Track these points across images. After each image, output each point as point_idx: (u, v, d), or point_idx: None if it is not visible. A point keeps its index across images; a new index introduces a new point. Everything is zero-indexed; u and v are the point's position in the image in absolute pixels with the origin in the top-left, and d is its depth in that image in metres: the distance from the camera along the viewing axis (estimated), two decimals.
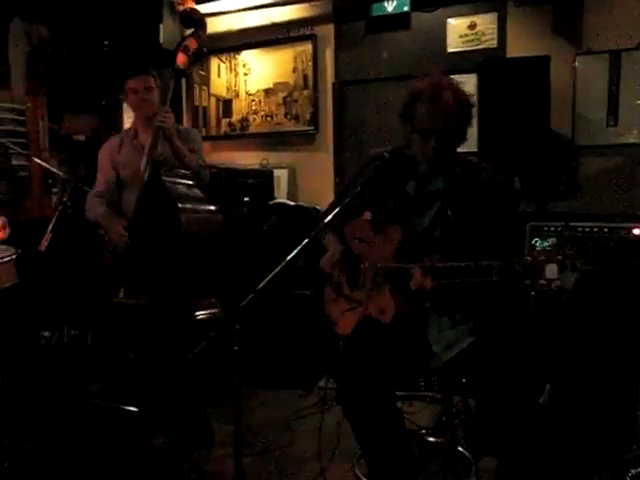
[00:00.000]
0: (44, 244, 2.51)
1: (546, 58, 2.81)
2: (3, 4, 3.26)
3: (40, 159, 3.08)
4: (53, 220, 2.56)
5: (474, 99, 1.80)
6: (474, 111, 1.77)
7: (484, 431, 2.11)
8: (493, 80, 2.84)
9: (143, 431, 2.46)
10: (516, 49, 3.16)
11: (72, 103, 3.70)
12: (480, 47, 3.27)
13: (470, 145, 3.04)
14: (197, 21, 2.66)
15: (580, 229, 2.52)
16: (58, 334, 2.97)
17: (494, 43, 3.25)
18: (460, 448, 2.20)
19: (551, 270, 1.37)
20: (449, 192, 1.77)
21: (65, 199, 2.59)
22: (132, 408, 2.53)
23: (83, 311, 2.92)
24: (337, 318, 1.93)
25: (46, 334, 3.06)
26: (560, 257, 1.37)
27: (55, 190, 3.41)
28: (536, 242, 2.46)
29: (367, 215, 1.92)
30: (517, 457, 1.61)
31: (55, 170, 2.99)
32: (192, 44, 2.55)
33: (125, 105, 3.07)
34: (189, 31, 2.69)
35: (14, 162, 3.34)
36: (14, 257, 2.37)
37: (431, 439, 2.38)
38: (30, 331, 3.03)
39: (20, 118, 3.51)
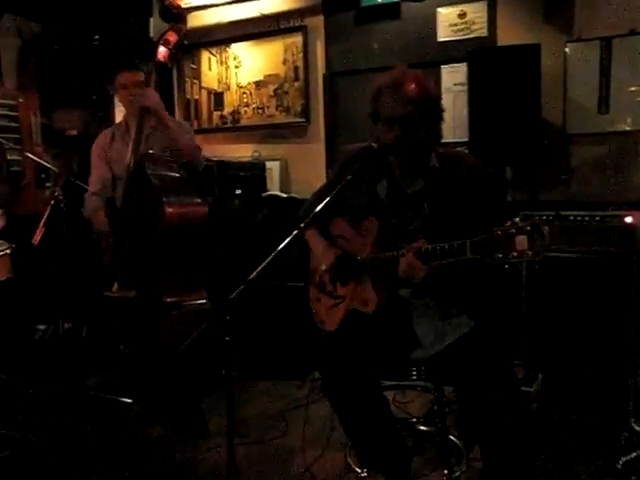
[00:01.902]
0: (37, 238, 2.52)
1: (536, 46, 2.80)
2: None
3: (33, 154, 3.09)
4: (46, 214, 2.57)
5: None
6: (444, 105, 1.76)
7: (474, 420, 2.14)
8: (484, 69, 2.83)
9: (138, 422, 2.48)
10: (506, 37, 3.14)
11: (64, 98, 3.70)
12: (470, 36, 3.25)
13: (461, 134, 3.12)
14: (177, 15, 2.67)
15: (572, 218, 2.53)
16: (53, 327, 2.99)
17: (484, 32, 3.23)
18: (452, 437, 2.21)
19: (521, 241, 1.38)
20: (429, 190, 1.76)
21: (57, 193, 2.60)
22: (127, 400, 2.55)
23: (77, 304, 2.93)
24: (323, 316, 1.94)
25: (42, 327, 3.09)
26: (529, 228, 1.37)
27: (48, 184, 3.42)
28: None
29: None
30: (504, 447, 1.60)
31: (48, 164, 2.99)
32: (172, 37, 2.56)
33: (116, 99, 3.06)
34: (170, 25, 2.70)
35: (7, 157, 3.34)
36: (8, 252, 2.38)
37: (423, 428, 2.39)
38: (26, 324, 3.06)
39: (12, 114, 3.51)
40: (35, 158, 2.97)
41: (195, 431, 2.47)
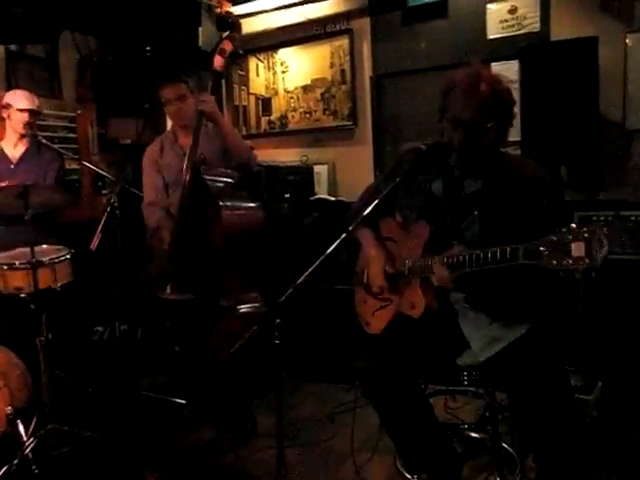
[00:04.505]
0: (95, 243, 2.61)
1: (593, 39, 2.69)
2: (53, 18, 3.41)
3: (90, 163, 3.21)
4: (102, 220, 2.66)
5: (514, 91, 1.72)
6: (516, 107, 1.71)
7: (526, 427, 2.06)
8: (536, 65, 2.75)
9: (190, 422, 2.54)
10: (561, 31, 3.03)
11: (118, 108, 3.83)
12: (522, 32, 3.16)
13: (513, 134, 3.00)
14: (232, 24, 2.73)
15: (633, 218, 2.41)
16: (110, 329, 3.11)
17: (537, 27, 3.13)
18: (505, 445, 2.14)
19: (578, 248, 1.30)
20: (486, 193, 1.71)
21: (113, 200, 2.69)
22: (180, 400, 2.62)
23: (132, 307, 3.03)
24: (368, 319, 1.93)
25: (100, 329, 3.21)
26: (586, 234, 1.29)
27: (105, 192, 3.55)
28: None
29: (398, 216, 1.91)
30: (557, 455, 1.56)
31: (104, 173, 3.11)
32: (228, 46, 2.62)
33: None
34: (225, 34, 2.76)
35: (66, 167, 3.49)
36: (69, 257, 2.48)
37: (474, 435, 2.33)
38: (85, 326, 3.19)
39: (71, 125, 3.66)
40: (92, 167, 3.08)
41: (244, 432, 2.50)
